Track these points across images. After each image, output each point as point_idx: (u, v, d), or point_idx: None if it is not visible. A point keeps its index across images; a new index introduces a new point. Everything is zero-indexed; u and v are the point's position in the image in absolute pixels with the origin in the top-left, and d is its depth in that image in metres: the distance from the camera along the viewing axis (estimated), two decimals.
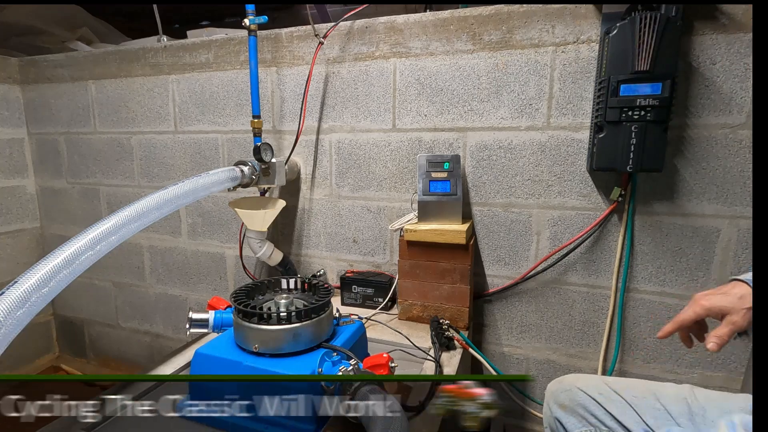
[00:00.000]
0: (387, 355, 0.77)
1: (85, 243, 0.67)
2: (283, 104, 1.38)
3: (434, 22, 1.17)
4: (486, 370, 1.12)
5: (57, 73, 1.69)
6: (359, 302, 1.28)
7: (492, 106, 1.16)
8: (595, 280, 1.15)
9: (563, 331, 1.20)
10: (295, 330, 0.77)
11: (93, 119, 1.67)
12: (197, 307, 1.09)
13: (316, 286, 0.91)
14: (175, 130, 1.54)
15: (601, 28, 1.02)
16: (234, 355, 0.78)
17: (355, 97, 1.29)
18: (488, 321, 1.27)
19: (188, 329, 0.90)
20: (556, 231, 1.16)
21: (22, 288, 0.57)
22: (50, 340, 1.96)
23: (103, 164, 1.69)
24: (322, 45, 1.27)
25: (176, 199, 0.87)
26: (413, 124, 1.24)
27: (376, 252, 1.35)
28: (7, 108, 1.74)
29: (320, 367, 0.74)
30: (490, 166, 1.19)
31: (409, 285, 1.17)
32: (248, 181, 1.15)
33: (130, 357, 1.84)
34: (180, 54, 1.48)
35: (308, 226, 1.42)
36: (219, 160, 1.50)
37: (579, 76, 1.07)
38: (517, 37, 1.11)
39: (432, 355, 0.98)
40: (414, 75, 1.21)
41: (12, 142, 1.77)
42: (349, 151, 1.33)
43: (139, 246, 1.71)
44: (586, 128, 1.08)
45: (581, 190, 1.12)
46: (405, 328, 1.11)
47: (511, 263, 1.21)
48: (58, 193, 1.81)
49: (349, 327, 0.91)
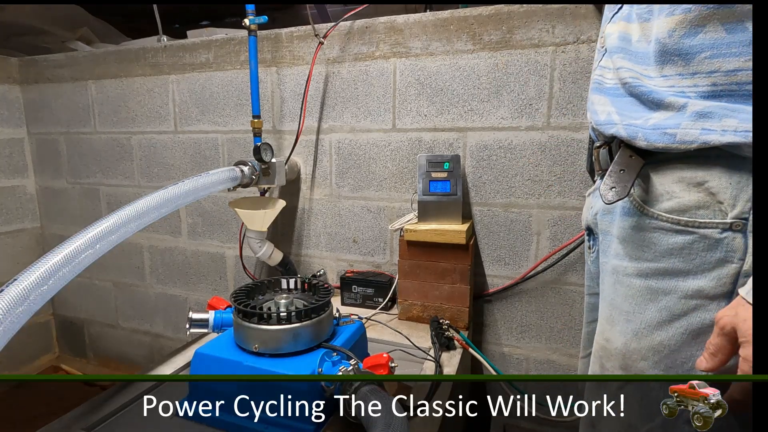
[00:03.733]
0: (387, 355, 0.77)
1: (85, 242, 0.67)
2: (283, 104, 1.38)
3: (434, 22, 1.17)
4: (486, 370, 1.11)
5: (57, 73, 1.69)
6: (359, 302, 1.28)
7: (492, 106, 1.16)
8: None
9: (563, 331, 1.20)
10: (295, 330, 0.77)
11: (93, 119, 1.67)
12: (197, 307, 1.09)
13: (316, 286, 0.91)
14: (175, 130, 1.54)
15: (601, 28, 1.02)
16: (234, 355, 0.78)
17: (355, 97, 1.29)
18: (488, 321, 1.27)
19: (188, 329, 0.90)
20: (556, 231, 1.16)
21: (22, 285, 0.57)
22: (50, 340, 1.96)
23: (103, 164, 1.69)
24: (322, 45, 1.27)
25: (176, 199, 0.88)
26: (413, 124, 1.24)
27: (376, 252, 1.35)
28: (7, 108, 1.74)
29: (320, 367, 0.74)
30: (490, 166, 1.19)
31: (409, 285, 1.17)
32: (248, 181, 1.15)
33: (130, 357, 1.83)
34: (180, 54, 1.48)
35: (308, 226, 1.42)
36: (219, 160, 1.50)
37: (579, 76, 1.07)
38: (517, 37, 1.11)
39: (432, 355, 0.98)
40: (414, 75, 1.21)
41: (12, 142, 1.77)
42: (349, 151, 1.33)
43: (139, 246, 1.71)
44: (586, 128, 1.08)
45: (581, 190, 1.12)
46: (405, 328, 1.11)
47: (511, 263, 1.21)
48: (58, 193, 1.81)
49: (349, 327, 0.91)
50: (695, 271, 0.51)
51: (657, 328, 0.54)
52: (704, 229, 0.50)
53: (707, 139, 0.49)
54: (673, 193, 0.53)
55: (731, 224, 0.49)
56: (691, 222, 0.51)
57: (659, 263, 0.54)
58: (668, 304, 0.53)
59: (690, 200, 0.51)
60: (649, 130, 0.53)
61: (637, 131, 0.54)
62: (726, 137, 0.48)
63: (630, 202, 0.57)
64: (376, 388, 0.67)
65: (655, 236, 0.54)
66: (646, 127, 0.53)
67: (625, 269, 0.58)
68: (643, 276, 0.55)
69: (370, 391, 0.65)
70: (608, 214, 0.62)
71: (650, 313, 0.54)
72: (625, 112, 0.57)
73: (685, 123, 0.50)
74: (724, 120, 0.48)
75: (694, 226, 0.51)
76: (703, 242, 0.50)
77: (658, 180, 0.54)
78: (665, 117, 0.52)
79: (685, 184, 0.52)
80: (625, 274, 0.58)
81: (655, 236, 0.54)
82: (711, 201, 0.50)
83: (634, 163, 0.56)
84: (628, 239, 0.57)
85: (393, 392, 0.84)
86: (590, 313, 0.75)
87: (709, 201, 0.50)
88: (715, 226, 0.50)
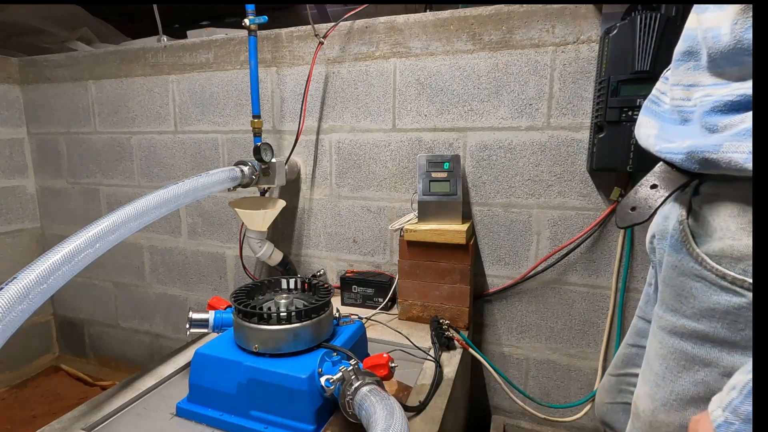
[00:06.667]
0: (387, 355, 0.77)
1: (85, 240, 0.67)
2: (283, 104, 1.38)
3: (434, 22, 1.17)
4: (486, 370, 1.12)
5: (57, 73, 1.69)
6: (359, 302, 1.28)
7: (492, 106, 1.16)
8: (595, 280, 1.15)
9: (563, 331, 1.20)
10: (295, 330, 0.77)
11: (93, 119, 1.67)
12: (197, 307, 1.09)
13: (316, 286, 0.91)
14: (175, 130, 1.54)
15: (601, 28, 1.02)
16: (234, 355, 0.78)
17: (355, 97, 1.29)
18: (488, 321, 1.27)
19: (188, 329, 0.90)
20: (556, 231, 1.16)
21: (22, 283, 0.57)
22: (50, 340, 1.96)
23: (103, 164, 1.69)
24: (322, 45, 1.27)
25: (176, 199, 0.88)
26: (413, 124, 1.24)
27: (376, 252, 1.35)
28: (7, 108, 1.74)
29: (320, 367, 0.74)
30: (490, 166, 1.19)
31: (409, 285, 1.17)
32: (248, 181, 1.15)
33: (130, 357, 1.83)
34: (180, 54, 1.48)
35: (308, 226, 1.42)
36: (219, 160, 1.50)
37: (579, 76, 1.07)
38: (517, 37, 1.11)
39: (432, 355, 0.98)
40: (414, 75, 1.21)
41: (12, 142, 1.77)
42: (349, 151, 1.33)
43: (139, 246, 1.71)
44: (586, 128, 1.08)
45: (581, 190, 1.12)
46: (405, 328, 1.11)
47: (511, 263, 1.21)
48: (58, 193, 1.81)
49: (349, 327, 0.91)
50: (744, 344, 0.39)
51: (691, 404, 0.43)
52: None
53: (733, 160, 0.36)
54: (728, 230, 0.39)
55: None
56: (740, 281, 0.37)
57: (699, 324, 0.41)
58: (707, 378, 0.41)
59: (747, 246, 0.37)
60: (684, 152, 0.41)
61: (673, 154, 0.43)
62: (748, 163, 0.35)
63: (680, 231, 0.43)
64: (376, 388, 0.67)
65: (697, 287, 0.41)
66: (682, 149, 0.41)
67: (660, 320, 0.46)
68: (678, 335, 0.43)
69: (370, 391, 0.65)
70: (662, 240, 0.48)
71: (684, 384, 0.43)
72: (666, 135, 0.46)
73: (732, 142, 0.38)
74: None
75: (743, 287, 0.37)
76: None
77: (713, 209, 0.40)
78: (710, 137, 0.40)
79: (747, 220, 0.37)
80: (660, 326, 0.46)
81: (697, 287, 0.41)
82: None
83: (674, 178, 0.43)
84: (668, 282, 0.45)
85: (393, 392, 0.84)
86: (634, 336, 0.65)
87: None
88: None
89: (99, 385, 1.75)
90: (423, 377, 0.90)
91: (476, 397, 1.32)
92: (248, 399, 0.75)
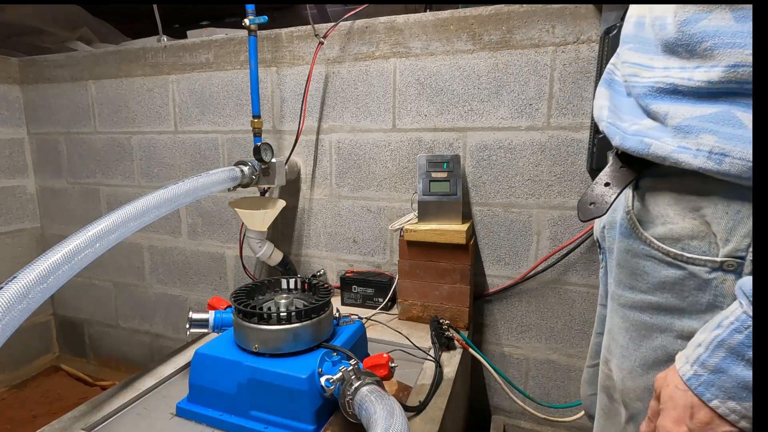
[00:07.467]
0: (387, 355, 0.77)
1: (85, 240, 0.67)
2: (283, 104, 1.38)
3: (434, 22, 1.17)
4: (486, 370, 1.12)
5: (57, 73, 1.69)
6: (359, 302, 1.28)
7: (492, 106, 1.16)
8: (595, 281, 1.15)
9: (563, 331, 1.20)
10: (295, 330, 0.77)
11: (93, 119, 1.67)
12: (197, 307, 1.09)
13: (316, 286, 0.91)
14: (175, 130, 1.54)
15: (601, 28, 1.02)
16: (234, 355, 0.78)
17: (355, 97, 1.29)
18: (488, 321, 1.27)
19: (188, 329, 0.90)
20: (556, 231, 1.16)
21: (22, 283, 0.57)
22: (50, 340, 1.96)
23: (103, 164, 1.69)
24: (322, 45, 1.27)
25: (176, 199, 0.88)
26: (413, 124, 1.24)
27: (376, 252, 1.35)
28: (7, 108, 1.74)
29: (320, 367, 0.74)
30: (490, 166, 1.19)
31: (409, 285, 1.17)
32: (248, 181, 1.15)
33: (130, 357, 1.83)
34: (180, 54, 1.48)
35: (308, 226, 1.42)
36: (219, 160, 1.50)
37: (579, 76, 1.07)
38: (517, 37, 1.11)
39: (432, 355, 0.98)
40: (414, 75, 1.21)
41: (12, 142, 1.77)
42: (349, 151, 1.33)
43: (139, 246, 1.71)
44: (586, 128, 1.08)
45: (581, 190, 1.12)
46: (405, 328, 1.11)
47: (511, 263, 1.21)
48: (58, 193, 1.81)
49: (349, 327, 0.91)
50: (689, 310, 0.45)
51: (652, 368, 0.49)
52: (692, 265, 0.44)
53: (679, 159, 0.42)
54: (667, 217, 0.46)
55: (722, 263, 0.42)
56: (680, 256, 0.45)
57: (653, 296, 0.48)
58: (664, 342, 0.48)
59: (683, 228, 0.44)
60: (629, 134, 0.48)
61: (617, 132, 0.50)
62: (697, 161, 0.41)
63: (627, 221, 0.50)
64: (376, 388, 0.67)
65: (648, 265, 0.48)
66: (628, 132, 0.48)
67: (620, 298, 0.52)
68: (637, 309, 0.50)
69: (370, 391, 0.65)
70: (611, 230, 0.54)
71: (645, 350, 0.49)
72: (617, 110, 0.52)
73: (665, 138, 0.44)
74: (700, 136, 0.41)
75: (683, 261, 0.44)
76: (693, 280, 0.44)
77: (653, 199, 0.48)
78: (650, 126, 0.46)
79: (681, 207, 0.45)
80: (620, 303, 0.52)
81: (648, 265, 0.48)
82: (706, 231, 0.43)
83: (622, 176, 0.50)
84: (623, 264, 0.52)
85: (393, 392, 0.84)
86: (600, 324, 0.70)
87: (704, 231, 0.43)
88: (703, 264, 0.43)
89: (99, 385, 1.75)
90: (423, 377, 0.90)
91: (476, 397, 1.32)
92: (248, 399, 0.75)
